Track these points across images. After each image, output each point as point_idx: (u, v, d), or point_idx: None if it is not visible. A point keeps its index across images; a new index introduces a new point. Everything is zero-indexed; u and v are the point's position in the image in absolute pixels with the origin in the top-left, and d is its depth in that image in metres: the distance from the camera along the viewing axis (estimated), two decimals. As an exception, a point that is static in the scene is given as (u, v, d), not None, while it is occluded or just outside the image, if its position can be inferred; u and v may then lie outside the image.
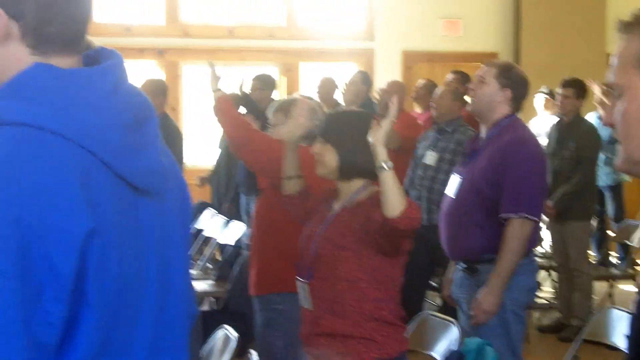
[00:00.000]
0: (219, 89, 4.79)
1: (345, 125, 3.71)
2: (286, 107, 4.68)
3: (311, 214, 3.85)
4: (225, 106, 4.69)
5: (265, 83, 8.47)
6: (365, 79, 8.44)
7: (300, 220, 3.96)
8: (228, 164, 8.38)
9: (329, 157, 3.65)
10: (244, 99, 8.11)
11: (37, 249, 1.37)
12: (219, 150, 8.85)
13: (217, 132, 8.94)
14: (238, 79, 8.12)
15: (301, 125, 4.13)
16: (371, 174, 3.52)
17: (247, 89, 8.30)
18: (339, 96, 8.59)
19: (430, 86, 8.58)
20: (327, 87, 8.80)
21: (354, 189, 3.67)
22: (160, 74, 10.93)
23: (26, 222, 1.36)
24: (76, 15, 1.56)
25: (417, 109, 8.99)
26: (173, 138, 7.57)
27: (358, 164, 3.63)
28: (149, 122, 1.61)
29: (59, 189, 1.40)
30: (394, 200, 3.30)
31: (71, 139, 1.44)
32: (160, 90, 7.28)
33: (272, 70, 11.19)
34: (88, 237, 1.41)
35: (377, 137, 3.39)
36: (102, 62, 1.58)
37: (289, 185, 4.01)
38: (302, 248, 3.71)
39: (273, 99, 8.23)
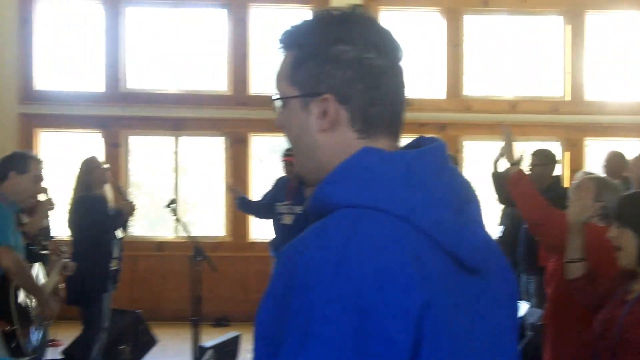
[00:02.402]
0: (517, 164, 4.67)
1: None
2: None
3: (604, 298, 3.67)
4: (522, 183, 4.57)
5: (545, 158, 8.03)
6: (652, 155, 7.91)
7: (587, 305, 3.79)
8: (511, 241, 8.20)
9: (628, 243, 3.49)
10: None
11: (374, 323, 1.38)
12: (501, 227, 8.70)
13: (497, 209, 8.81)
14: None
15: (587, 207, 3.95)
16: None
17: (526, 166, 8.05)
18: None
19: None
20: (615, 162, 8.31)
21: None
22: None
23: (364, 298, 1.39)
24: (397, 96, 1.61)
25: None
26: None
27: None
28: (475, 201, 1.64)
29: (394, 265, 1.42)
30: None
31: (402, 218, 1.48)
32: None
33: (554, 145, 10.93)
34: (423, 310, 1.42)
35: None
36: (423, 147, 1.62)
37: (572, 269, 3.88)
38: (599, 332, 3.55)
39: (555, 176, 8.03)
